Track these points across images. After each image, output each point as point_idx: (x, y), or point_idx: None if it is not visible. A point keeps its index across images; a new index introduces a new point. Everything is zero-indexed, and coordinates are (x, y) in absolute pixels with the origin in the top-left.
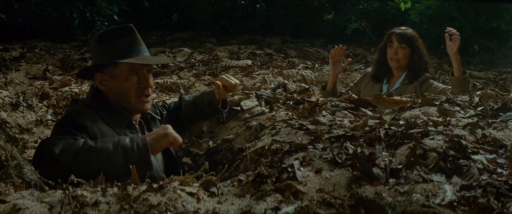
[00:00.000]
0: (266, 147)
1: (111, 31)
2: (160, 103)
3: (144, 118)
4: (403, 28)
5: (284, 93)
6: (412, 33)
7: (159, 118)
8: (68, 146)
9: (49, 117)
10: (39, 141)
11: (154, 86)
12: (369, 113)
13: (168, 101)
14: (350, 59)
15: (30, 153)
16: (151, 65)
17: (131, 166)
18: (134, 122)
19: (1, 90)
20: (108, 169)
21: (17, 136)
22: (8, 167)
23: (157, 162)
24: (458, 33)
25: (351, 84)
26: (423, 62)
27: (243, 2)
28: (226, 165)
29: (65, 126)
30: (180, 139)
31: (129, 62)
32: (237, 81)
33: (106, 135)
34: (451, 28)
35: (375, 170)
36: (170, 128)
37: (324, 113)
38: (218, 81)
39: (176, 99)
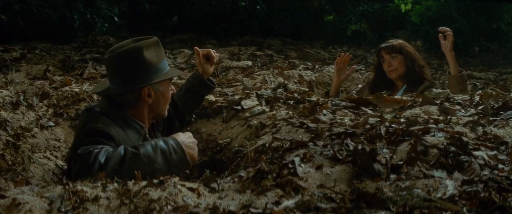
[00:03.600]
0: (267, 145)
1: (152, 44)
2: None
3: (153, 128)
4: (389, 41)
5: (285, 93)
6: (399, 42)
7: (161, 128)
8: (110, 153)
9: (51, 123)
10: (45, 148)
11: None
12: (370, 111)
13: None
14: (354, 66)
15: (38, 156)
16: None
17: (136, 172)
18: (147, 135)
19: (1, 90)
20: (149, 173)
21: (18, 135)
22: (16, 170)
23: None
24: (450, 30)
25: (354, 91)
26: (417, 65)
27: (243, 3)
28: (226, 172)
29: (94, 136)
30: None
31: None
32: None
33: (128, 145)
34: (443, 27)
35: (376, 165)
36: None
37: (324, 111)
38: (196, 48)
39: None
